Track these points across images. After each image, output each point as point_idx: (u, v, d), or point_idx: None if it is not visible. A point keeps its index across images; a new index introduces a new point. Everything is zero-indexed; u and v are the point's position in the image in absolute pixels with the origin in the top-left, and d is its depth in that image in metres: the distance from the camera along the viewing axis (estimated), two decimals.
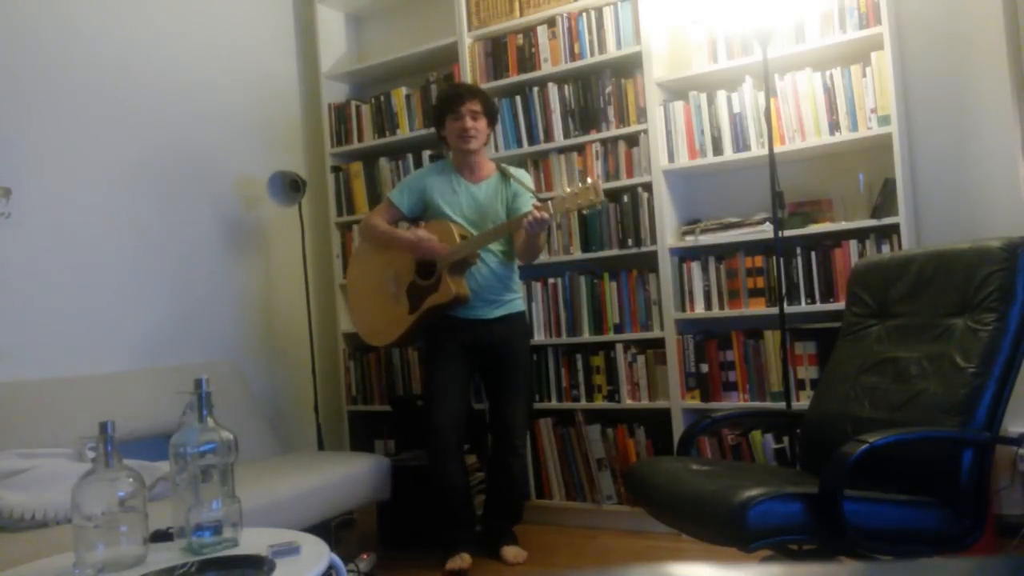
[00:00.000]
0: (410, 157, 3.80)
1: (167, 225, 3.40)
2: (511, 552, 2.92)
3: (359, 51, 4.25)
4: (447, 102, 2.95)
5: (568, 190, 2.67)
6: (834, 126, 2.91)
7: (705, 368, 3.12)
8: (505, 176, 2.99)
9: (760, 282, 3.05)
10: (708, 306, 3.15)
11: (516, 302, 3.02)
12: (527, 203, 2.91)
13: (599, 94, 3.34)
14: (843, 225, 2.90)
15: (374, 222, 3.05)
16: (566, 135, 3.41)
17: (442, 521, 2.96)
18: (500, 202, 2.97)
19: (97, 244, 3.13)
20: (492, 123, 3.01)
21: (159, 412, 2.82)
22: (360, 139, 3.93)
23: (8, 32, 2.91)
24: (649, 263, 3.25)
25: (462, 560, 2.85)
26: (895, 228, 2.79)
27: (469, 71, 3.59)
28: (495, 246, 2.92)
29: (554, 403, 3.43)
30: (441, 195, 2.97)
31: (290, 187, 3.65)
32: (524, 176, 3.05)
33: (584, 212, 2.74)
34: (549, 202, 2.69)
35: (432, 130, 3.11)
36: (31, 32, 2.98)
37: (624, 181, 3.28)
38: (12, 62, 2.92)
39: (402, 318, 2.97)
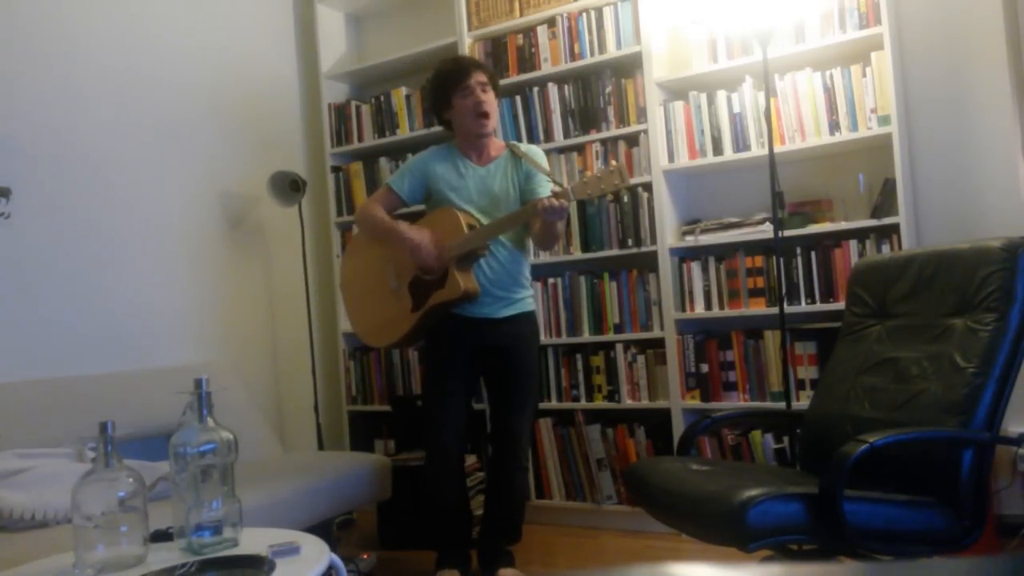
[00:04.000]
0: (410, 157, 3.80)
1: (166, 224, 3.40)
2: (508, 574, 2.73)
3: (359, 51, 4.25)
4: (452, 78, 2.66)
5: (590, 174, 2.47)
6: (834, 126, 2.91)
7: (705, 368, 3.12)
8: (515, 155, 2.72)
9: (760, 282, 3.05)
10: (708, 306, 3.15)
11: (527, 300, 2.75)
12: (543, 184, 2.66)
13: (599, 94, 3.34)
14: (843, 225, 2.90)
15: (372, 210, 2.74)
16: (566, 135, 3.41)
17: (436, 536, 2.79)
18: (511, 184, 2.69)
19: (96, 245, 3.13)
20: (499, 96, 2.78)
21: (159, 412, 2.82)
22: (360, 139, 3.93)
23: (8, 33, 2.91)
24: (649, 263, 3.25)
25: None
26: (895, 228, 2.79)
27: None
28: (505, 235, 2.65)
29: (554, 403, 3.43)
30: (446, 180, 2.70)
31: (290, 187, 3.65)
32: (537, 154, 2.75)
33: (608, 196, 2.48)
34: (570, 188, 2.45)
35: (433, 129, 2.90)
36: (31, 32, 2.98)
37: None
38: (12, 62, 2.92)
39: (404, 316, 2.69)
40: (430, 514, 2.79)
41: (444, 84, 2.69)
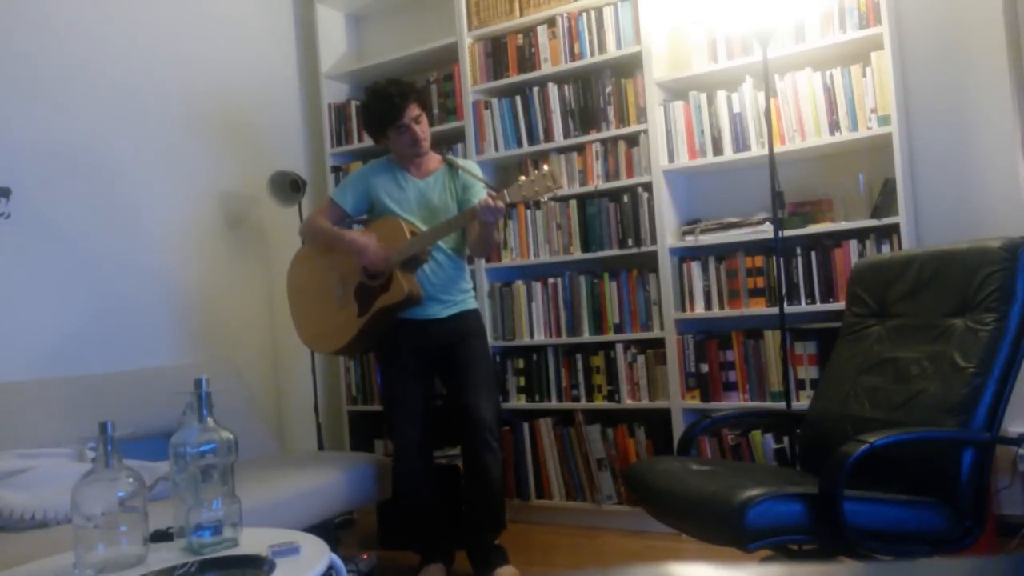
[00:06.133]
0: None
1: (166, 224, 3.40)
2: (506, 572, 2.75)
3: (359, 51, 4.25)
4: (387, 116, 2.75)
5: (524, 178, 2.60)
6: (834, 126, 2.91)
7: (705, 368, 3.12)
8: (453, 168, 2.86)
9: (760, 282, 3.05)
10: (708, 306, 3.15)
11: (468, 300, 2.88)
12: (480, 193, 2.77)
13: (599, 94, 3.34)
14: (843, 225, 2.90)
15: (316, 221, 2.87)
16: (566, 135, 3.41)
17: (415, 535, 2.88)
18: (450, 196, 2.83)
19: (96, 245, 3.13)
20: (430, 113, 2.90)
21: (159, 412, 2.82)
22: (360, 139, 3.93)
23: (7, 33, 2.91)
24: (649, 263, 3.25)
25: (437, 571, 2.77)
26: (895, 228, 2.79)
27: (469, 71, 3.59)
28: (445, 242, 2.78)
29: (554, 403, 3.43)
30: (388, 193, 2.82)
31: (290, 187, 3.65)
32: (473, 166, 2.92)
33: (542, 200, 2.60)
34: (505, 190, 2.59)
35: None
36: (30, 34, 2.98)
37: (624, 181, 3.28)
38: (11, 63, 2.91)
39: (351, 321, 2.79)
40: (405, 513, 2.86)
41: (379, 121, 2.79)
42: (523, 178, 2.61)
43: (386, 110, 2.76)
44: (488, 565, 2.77)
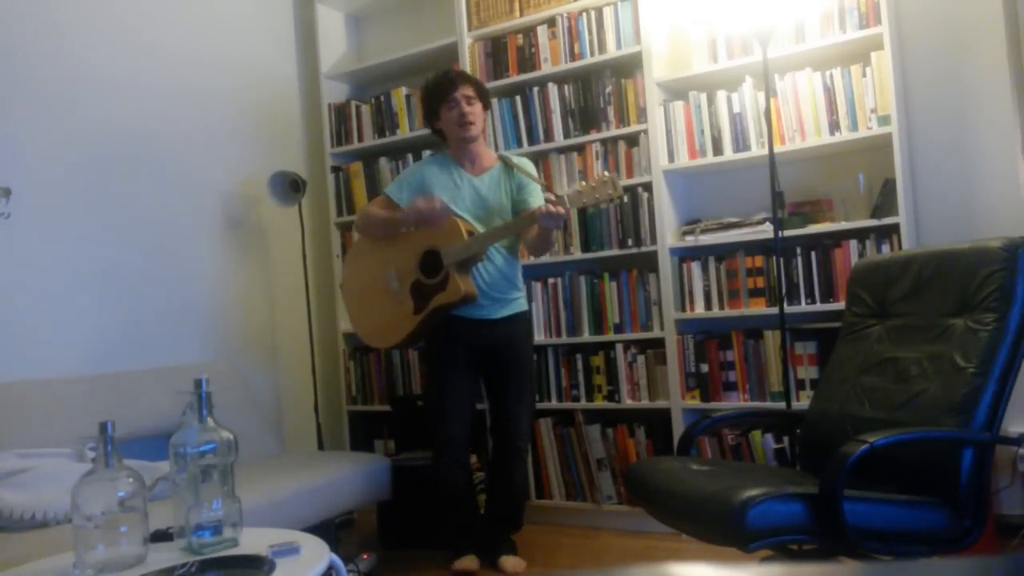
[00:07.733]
0: (410, 157, 3.80)
1: (167, 225, 3.40)
2: (510, 563, 2.82)
3: (359, 51, 4.25)
4: (439, 90, 2.83)
5: (584, 184, 2.59)
6: (834, 126, 2.91)
7: (705, 368, 3.12)
8: (508, 166, 2.87)
9: (760, 282, 3.05)
10: (708, 306, 3.14)
11: (520, 301, 2.91)
12: (534, 194, 2.81)
13: (599, 94, 3.34)
14: (843, 225, 2.90)
15: (371, 211, 2.91)
16: (566, 135, 3.41)
17: (450, 525, 2.91)
18: (504, 194, 2.84)
19: (96, 245, 3.13)
20: (487, 107, 2.92)
21: (159, 412, 2.82)
22: (360, 139, 3.93)
23: (6, 33, 2.91)
24: (649, 263, 3.25)
25: (471, 561, 2.82)
26: (895, 228, 2.79)
27: (469, 71, 3.58)
28: (501, 242, 2.81)
29: (554, 403, 3.43)
30: (442, 189, 2.82)
31: (290, 187, 3.65)
32: (528, 165, 2.93)
33: (602, 207, 2.63)
34: (564, 195, 2.60)
35: (431, 131, 2.98)
36: (30, 33, 2.98)
37: (624, 181, 3.27)
38: (11, 63, 2.91)
39: (406, 318, 2.82)
40: (442, 505, 2.90)
41: (432, 97, 2.86)
42: (584, 183, 2.61)
43: (440, 84, 2.83)
44: (496, 554, 2.86)
